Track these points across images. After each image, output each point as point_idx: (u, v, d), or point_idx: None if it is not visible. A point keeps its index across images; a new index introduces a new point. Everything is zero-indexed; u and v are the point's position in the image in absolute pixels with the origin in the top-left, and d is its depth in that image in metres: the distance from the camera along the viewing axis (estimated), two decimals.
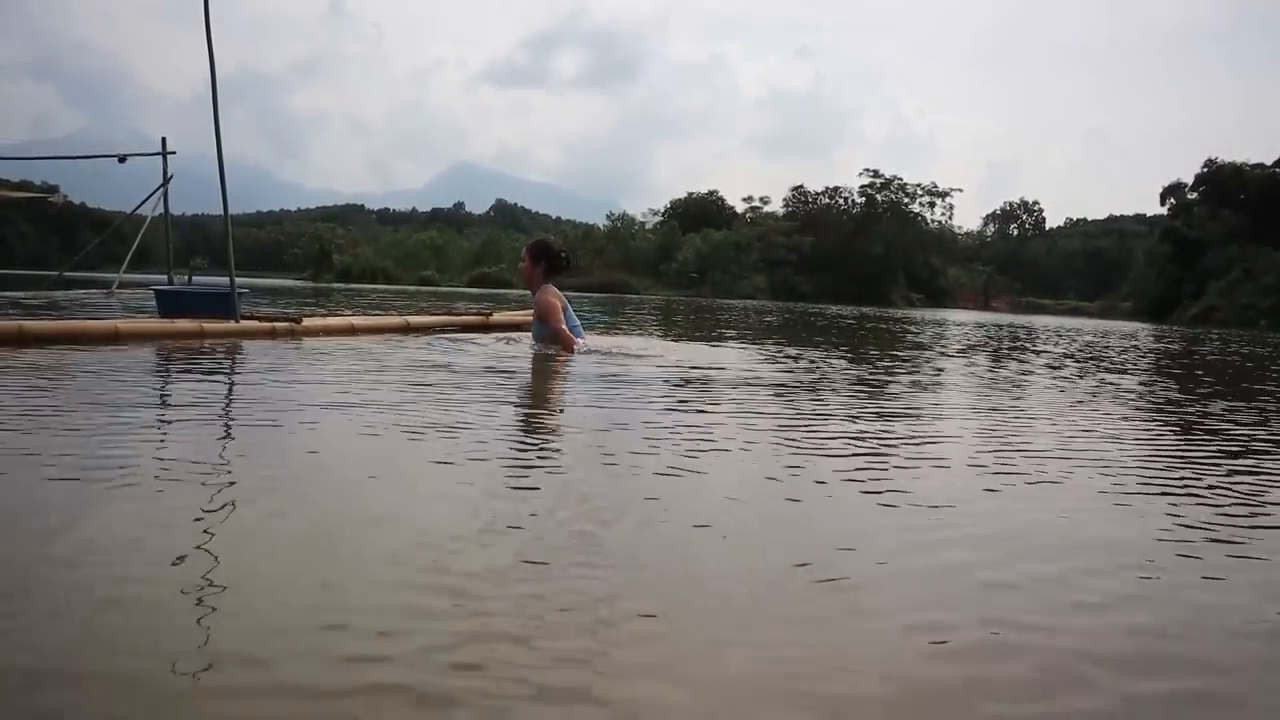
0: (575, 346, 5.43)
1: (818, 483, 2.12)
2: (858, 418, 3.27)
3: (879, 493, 2.02)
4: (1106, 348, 10.70)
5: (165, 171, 9.90)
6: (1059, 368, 6.77)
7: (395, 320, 6.66)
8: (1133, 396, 4.88)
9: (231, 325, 5.42)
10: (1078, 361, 7.67)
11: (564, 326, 5.54)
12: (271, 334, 5.51)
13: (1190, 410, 4.35)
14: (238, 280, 5.78)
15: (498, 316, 7.74)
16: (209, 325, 5.22)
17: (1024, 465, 2.50)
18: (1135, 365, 7.73)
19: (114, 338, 4.70)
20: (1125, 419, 3.77)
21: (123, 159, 10.29)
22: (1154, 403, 4.62)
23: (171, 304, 6.00)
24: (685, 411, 3.30)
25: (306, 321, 5.91)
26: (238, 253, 5.92)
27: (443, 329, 7.01)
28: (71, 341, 4.50)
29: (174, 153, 9.98)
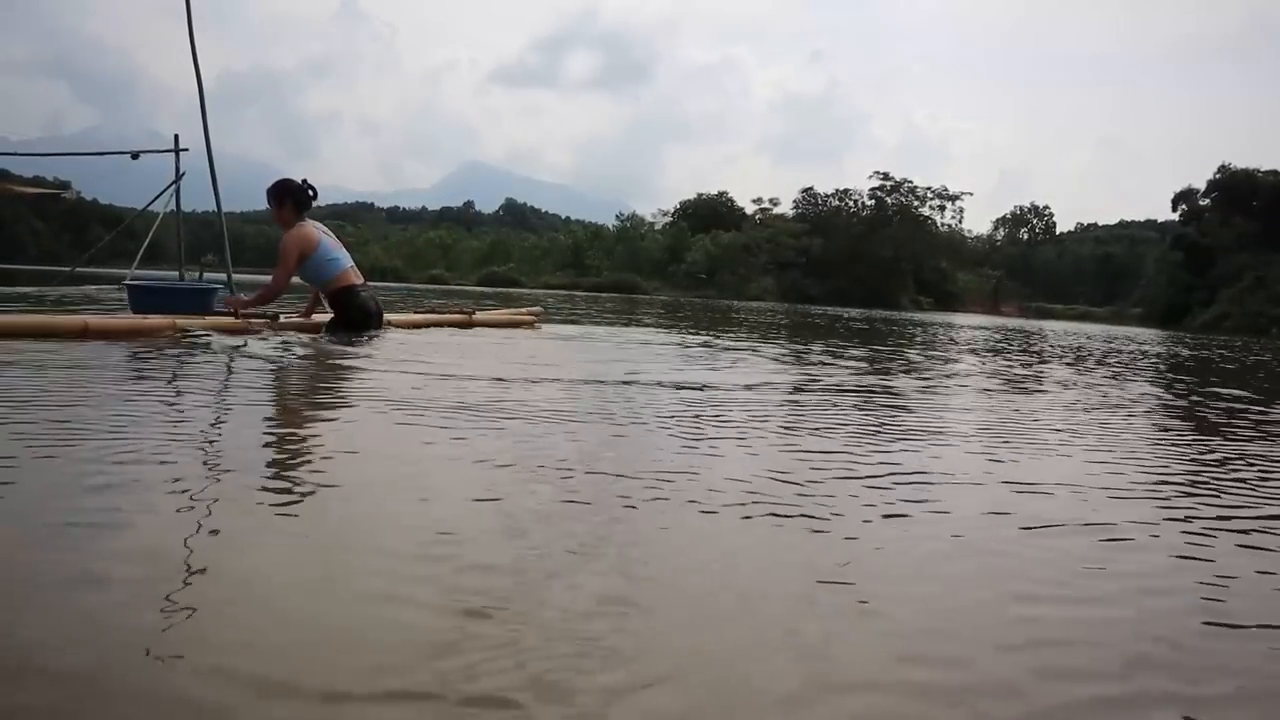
0: (243, 310, 5.39)
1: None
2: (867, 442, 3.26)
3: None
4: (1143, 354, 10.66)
5: (177, 169, 9.94)
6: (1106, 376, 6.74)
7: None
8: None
9: (205, 320, 5.33)
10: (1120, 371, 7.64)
11: (282, 277, 5.52)
12: (245, 329, 5.41)
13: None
14: (216, 277, 5.70)
15: (480, 315, 7.63)
16: (181, 320, 5.16)
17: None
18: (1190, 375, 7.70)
19: (83, 333, 4.59)
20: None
21: (135, 156, 10.34)
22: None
23: (144, 300, 5.67)
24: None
25: (284, 318, 5.83)
26: (248, 250, 6.01)
27: (431, 326, 6.95)
28: (41, 336, 4.37)
29: (186, 150, 10.01)
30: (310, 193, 5.73)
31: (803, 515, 1.75)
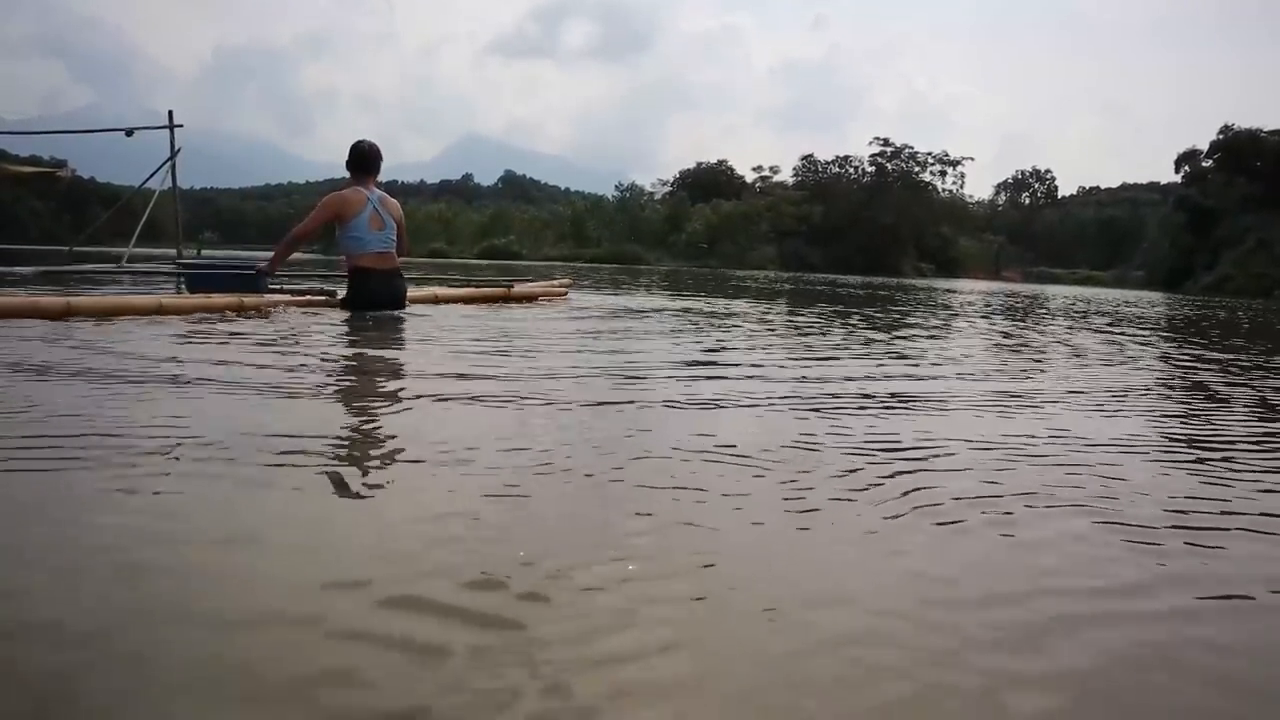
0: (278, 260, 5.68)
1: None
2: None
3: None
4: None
5: (172, 145, 9.96)
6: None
7: (423, 293, 6.65)
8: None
9: (268, 299, 5.48)
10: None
11: (302, 228, 5.68)
12: (307, 305, 5.59)
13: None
14: (261, 255, 5.79)
15: (518, 289, 7.71)
16: (247, 299, 5.29)
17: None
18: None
19: (158, 312, 4.77)
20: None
21: (130, 133, 10.34)
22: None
23: (202, 284, 5.92)
24: None
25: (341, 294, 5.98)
26: (247, 226, 6.07)
27: (466, 301, 7.01)
28: (116, 316, 4.53)
29: (181, 126, 10.04)
30: (362, 148, 5.73)
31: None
